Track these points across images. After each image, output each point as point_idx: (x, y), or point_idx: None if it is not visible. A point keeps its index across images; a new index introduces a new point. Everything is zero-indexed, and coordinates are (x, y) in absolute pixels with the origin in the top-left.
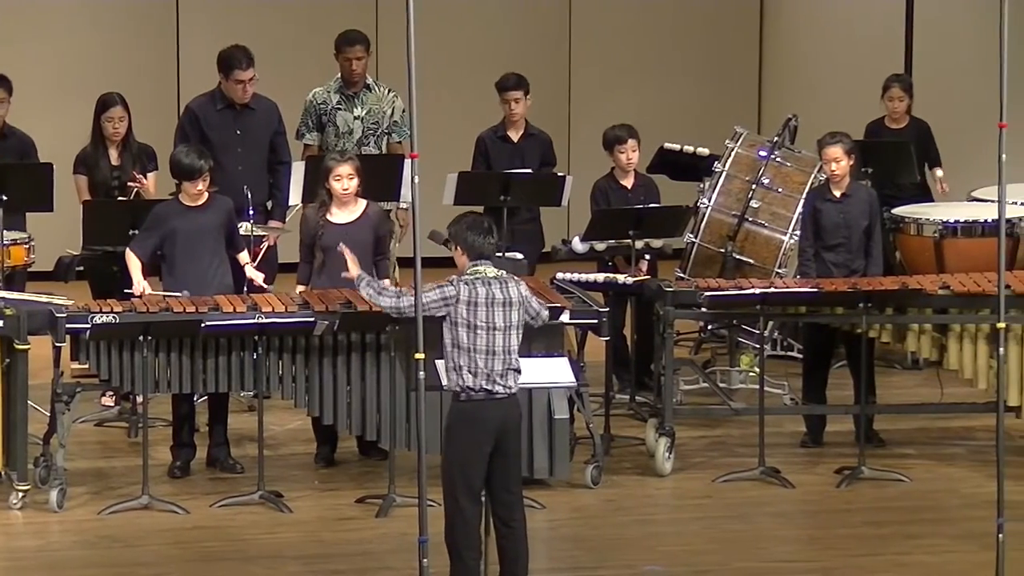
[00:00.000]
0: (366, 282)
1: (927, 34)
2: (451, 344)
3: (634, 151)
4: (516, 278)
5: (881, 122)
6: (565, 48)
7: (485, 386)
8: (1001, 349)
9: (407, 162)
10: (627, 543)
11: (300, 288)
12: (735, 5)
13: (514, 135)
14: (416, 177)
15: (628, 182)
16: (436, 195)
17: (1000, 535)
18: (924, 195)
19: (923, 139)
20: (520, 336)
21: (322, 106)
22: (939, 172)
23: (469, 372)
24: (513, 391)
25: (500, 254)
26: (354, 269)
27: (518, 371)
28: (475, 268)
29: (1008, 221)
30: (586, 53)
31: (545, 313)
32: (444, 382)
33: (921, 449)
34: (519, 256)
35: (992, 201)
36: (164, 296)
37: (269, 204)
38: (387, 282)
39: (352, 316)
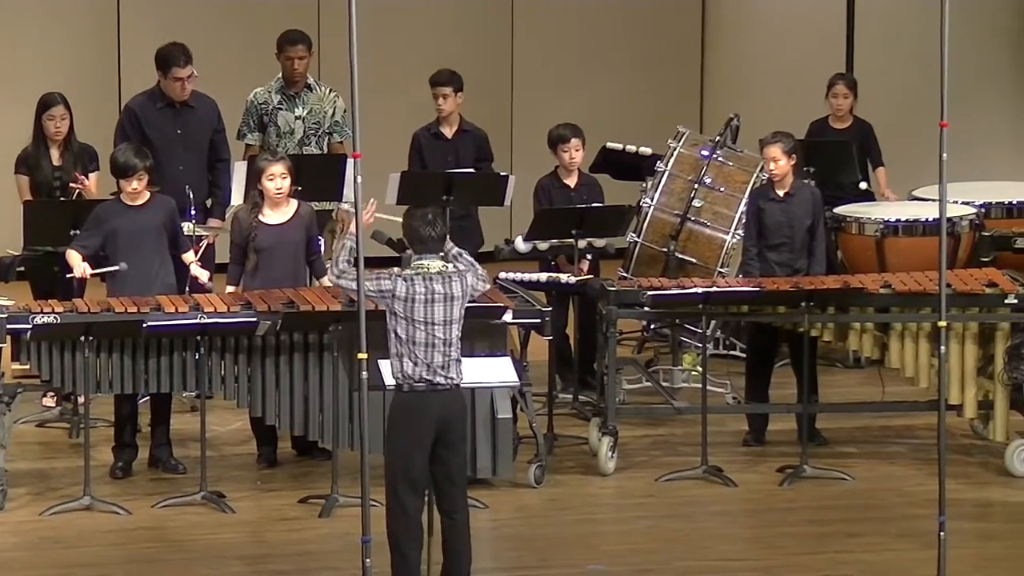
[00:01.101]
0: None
1: (869, 34)
2: (392, 333)
3: (577, 150)
4: (464, 271)
5: (825, 121)
6: (507, 47)
7: (426, 376)
8: (942, 347)
9: (350, 162)
10: (570, 542)
11: (230, 289)
12: (677, 5)
13: (448, 131)
14: (359, 177)
15: (571, 181)
16: (379, 195)
17: (942, 533)
18: (866, 195)
19: (866, 139)
20: (460, 328)
21: (263, 106)
22: (883, 179)
23: (410, 363)
24: (455, 382)
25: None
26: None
27: (459, 361)
28: (419, 262)
29: (949, 220)
30: (529, 52)
31: (481, 284)
32: (387, 381)
33: (863, 448)
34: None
35: (933, 200)
36: (102, 272)
37: (209, 203)
38: (345, 264)
39: (294, 316)
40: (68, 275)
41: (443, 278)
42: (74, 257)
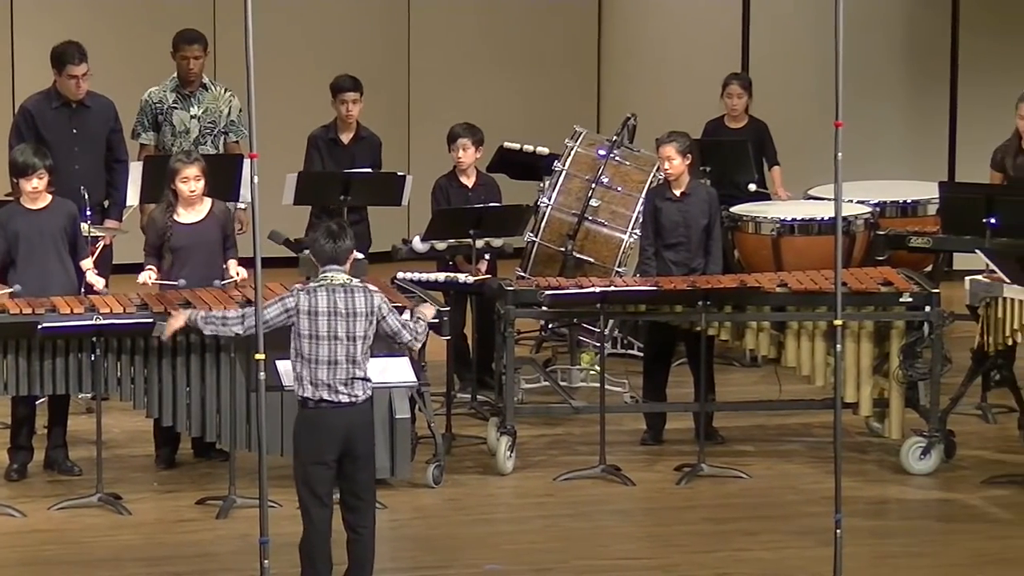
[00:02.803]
0: (203, 319)
1: (763, 33)
2: (295, 353)
3: (466, 150)
4: (372, 288)
5: (720, 121)
6: (404, 46)
7: (326, 397)
8: (838, 346)
9: (246, 162)
10: (469, 542)
11: (155, 274)
12: (574, 4)
13: (345, 138)
14: (256, 177)
15: (469, 181)
16: (275, 195)
17: (838, 530)
18: (757, 196)
19: (761, 138)
20: (367, 346)
21: (158, 105)
22: (777, 178)
23: (310, 383)
24: (359, 399)
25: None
26: (180, 319)
27: (366, 379)
28: (323, 274)
29: (844, 219)
30: (425, 52)
31: (407, 337)
32: (285, 382)
33: (760, 446)
34: (359, 256)
35: (829, 199)
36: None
37: (106, 203)
38: (219, 312)
39: None
40: None
41: (346, 291)
42: None
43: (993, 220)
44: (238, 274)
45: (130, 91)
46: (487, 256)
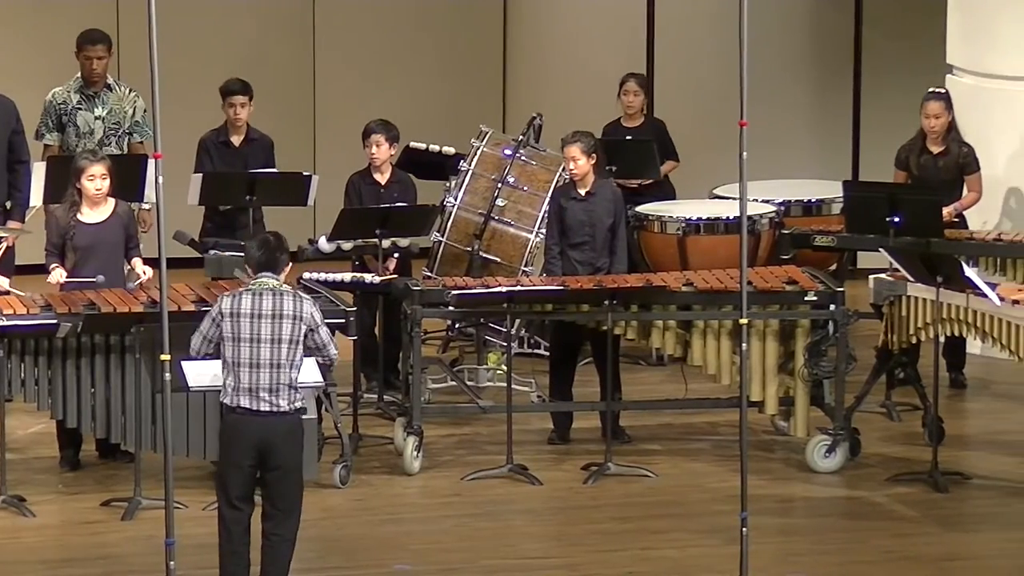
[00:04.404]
0: None
1: (668, 33)
2: (222, 360)
3: (380, 146)
4: (305, 296)
5: (617, 122)
6: (310, 46)
7: (244, 403)
8: (744, 345)
9: (151, 162)
10: (376, 542)
11: (60, 270)
12: (479, 4)
13: (236, 140)
14: (160, 177)
15: (383, 178)
16: (180, 195)
17: (744, 529)
18: (665, 194)
19: (660, 137)
20: (296, 353)
21: (62, 106)
22: (667, 168)
23: (232, 389)
24: (283, 409)
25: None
26: None
27: (293, 389)
28: (255, 281)
29: (749, 218)
30: (331, 51)
31: (333, 352)
32: (191, 383)
33: (666, 445)
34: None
35: (734, 199)
36: None
37: (8, 204)
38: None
39: (96, 318)
40: None
41: (274, 294)
42: None
43: (897, 219)
44: (144, 273)
45: (32, 91)
46: (398, 255)
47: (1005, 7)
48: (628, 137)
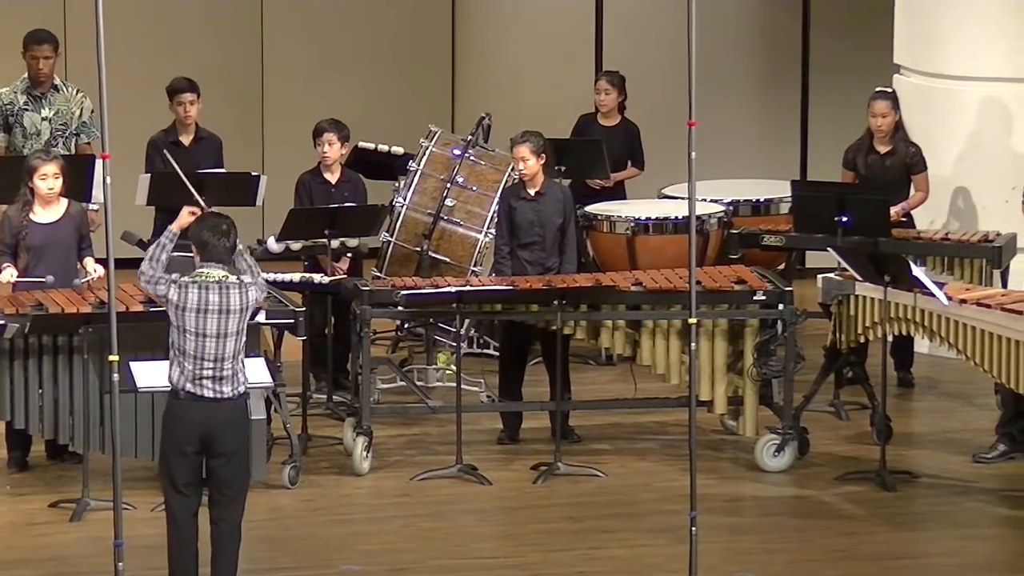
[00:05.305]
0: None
1: (617, 33)
2: (169, 339)
3: (332, 145)
4: (248, 281)
5: (593, 116)
6: (257, 46)
7: (189, 388)
8: (693, 344)
9: (98, 163)
10: (325, 543)
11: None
12: (427, 3)
13: (186, 139)
14: (108, 178)
15: (333, 177)
16: (128, 196)
17: (693, 528)
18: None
19: (630, 140)
20: (240, 342)
21: (8, 107)
22: (625, 175)
23: (178, 370)
24: (226, 396)
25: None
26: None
27: (237, 376)
28: (200, 270)
29: (698, 218)
30: (279, 51)
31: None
32: (139, 384)
33: (615, 444)
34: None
35: (682, 198)
36: None
37: None
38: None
39: (44, 318)
40: None
41: (220, 288)
42: None
43: (845, 218)
44: (95, 271)
45: None
46: (350, 255)
47: (951, 8)
48: (579, 139)
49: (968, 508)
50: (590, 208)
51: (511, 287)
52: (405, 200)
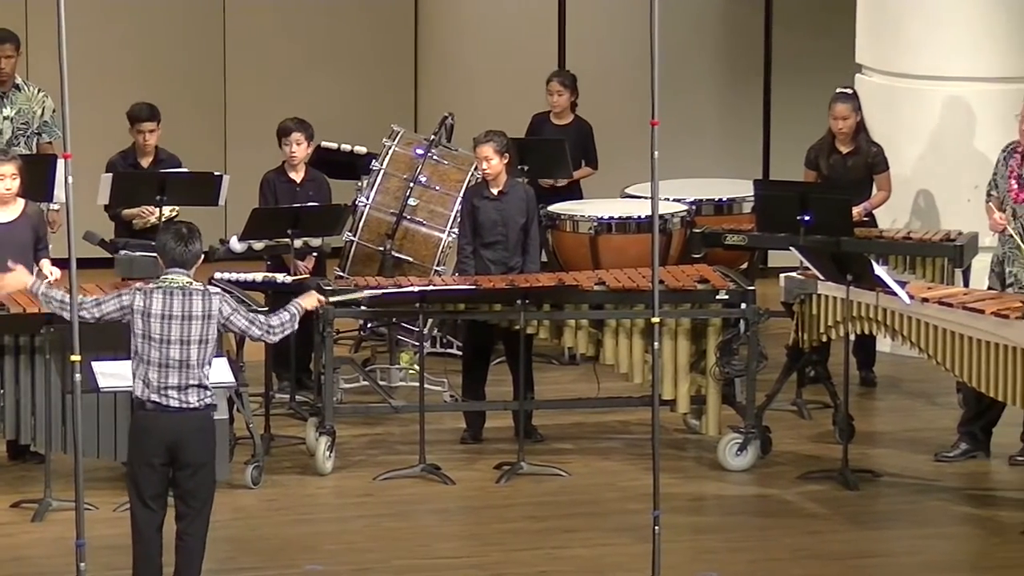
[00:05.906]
0: (44, 296)
1: (580, 32)
2: (133, 352)
3: (299, 144)
4: (213, 290)
5: (546, 116)
6: (220, 45)
7: (154, 399)
8: (656, 343)
9: (60, 162)
10: (288, 543)
11: None
12: (390, 3)
13: (145, 162)
14: (70, 177)
15: (297, 176)
16: (90, 195)
17: (656, 527)
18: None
19: (584, 139)
20: (206, 351)
21: None
22: (581, 173)
23: (142, 382)
24: (192, 406)
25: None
26: (16, 280)
27: (203, 387)
28: (165, 276)
29: (661, 217)
30: (242, 50)
31: (256, 332)
32: (101, 384)
33: (579, 444)
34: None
35: (645, 197)
36: None
37: None
38: (61, 293)
39: (5, 318)
40: None
41: (184, 294)
42: None
43: (807, 218)
44: (51, 273)
45: None
46: (316, 255)
47: (914, 7)
48: (543, 137)
49: (930, 507)
50: (553, 208)
51: (474, 287)
52: (368, 199)
